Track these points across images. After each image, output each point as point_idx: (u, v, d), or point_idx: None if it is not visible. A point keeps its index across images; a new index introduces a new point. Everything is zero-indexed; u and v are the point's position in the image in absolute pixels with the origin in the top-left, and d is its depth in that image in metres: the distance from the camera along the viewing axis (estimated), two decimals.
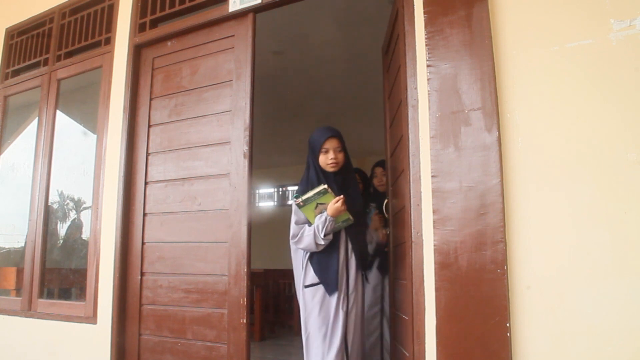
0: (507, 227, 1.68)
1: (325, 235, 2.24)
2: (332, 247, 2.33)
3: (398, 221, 2.35)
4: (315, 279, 2.31)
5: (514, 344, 1.63)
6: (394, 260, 2.49)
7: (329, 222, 2.23)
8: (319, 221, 2.25)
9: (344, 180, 2.44)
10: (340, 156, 2.40)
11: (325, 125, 2.47)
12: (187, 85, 2.72)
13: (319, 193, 2.23)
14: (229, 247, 2.41)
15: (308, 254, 2.37)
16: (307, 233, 2.29)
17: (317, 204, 2.27)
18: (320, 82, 5.13)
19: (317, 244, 2.27)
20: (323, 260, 2.32)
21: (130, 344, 2.67)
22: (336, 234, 2.35)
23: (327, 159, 2.37)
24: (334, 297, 2.26)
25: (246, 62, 2.51)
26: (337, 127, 2.48)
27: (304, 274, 2.35)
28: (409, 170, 2.01)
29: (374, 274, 3.20)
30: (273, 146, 7.90)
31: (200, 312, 2.47)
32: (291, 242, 2.38)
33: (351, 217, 2.30)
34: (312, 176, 2.43)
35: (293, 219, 2.42)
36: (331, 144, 2.38)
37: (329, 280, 2.28)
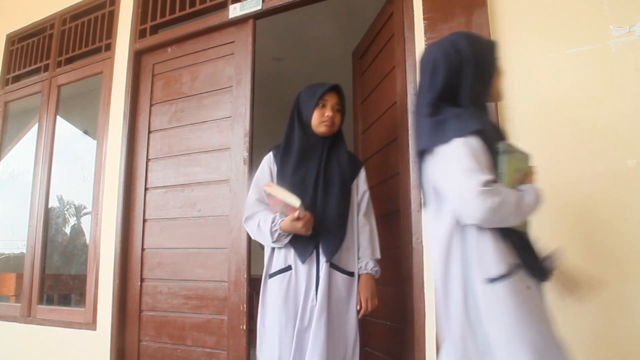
0: None
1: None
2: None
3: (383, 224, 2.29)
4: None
5: None
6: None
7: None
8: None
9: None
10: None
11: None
12: (187, 91, 2.72)
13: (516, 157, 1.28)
14: (228, 253, 2.40)
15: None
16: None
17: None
18: None
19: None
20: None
21: (130, 350, 2.66)
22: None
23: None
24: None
25: (246, 68, 2.52)
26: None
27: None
28: (408, 177, 2.01)
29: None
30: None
31: (200, 318, 2.46)
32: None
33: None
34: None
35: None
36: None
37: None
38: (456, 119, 1.24)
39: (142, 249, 2.71)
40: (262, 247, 1.94)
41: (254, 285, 2.40)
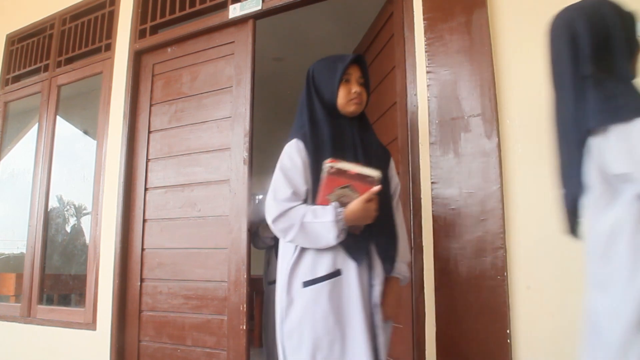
0: (506, 233, 1.68)
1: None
2: None
3: None
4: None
5: (514, 350, 1.62)
6: None
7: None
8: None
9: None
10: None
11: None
12: (187, 91, 2.72)
13: None
14: (228, 253, 2.40)
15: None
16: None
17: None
18: None
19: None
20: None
21: (129, 350, 2.66)
22: None
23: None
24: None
25: (246, 68, 2.52)
26: None
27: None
28: (408, 176, 2.01)
29: None
30: (274, 151, 7.90)
31: (200, 319, 2.46)
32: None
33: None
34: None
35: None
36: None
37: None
38: (632, 96, 1.06)
39: (142, 249, 2.71)
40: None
41: (253, 285, 2.40)
